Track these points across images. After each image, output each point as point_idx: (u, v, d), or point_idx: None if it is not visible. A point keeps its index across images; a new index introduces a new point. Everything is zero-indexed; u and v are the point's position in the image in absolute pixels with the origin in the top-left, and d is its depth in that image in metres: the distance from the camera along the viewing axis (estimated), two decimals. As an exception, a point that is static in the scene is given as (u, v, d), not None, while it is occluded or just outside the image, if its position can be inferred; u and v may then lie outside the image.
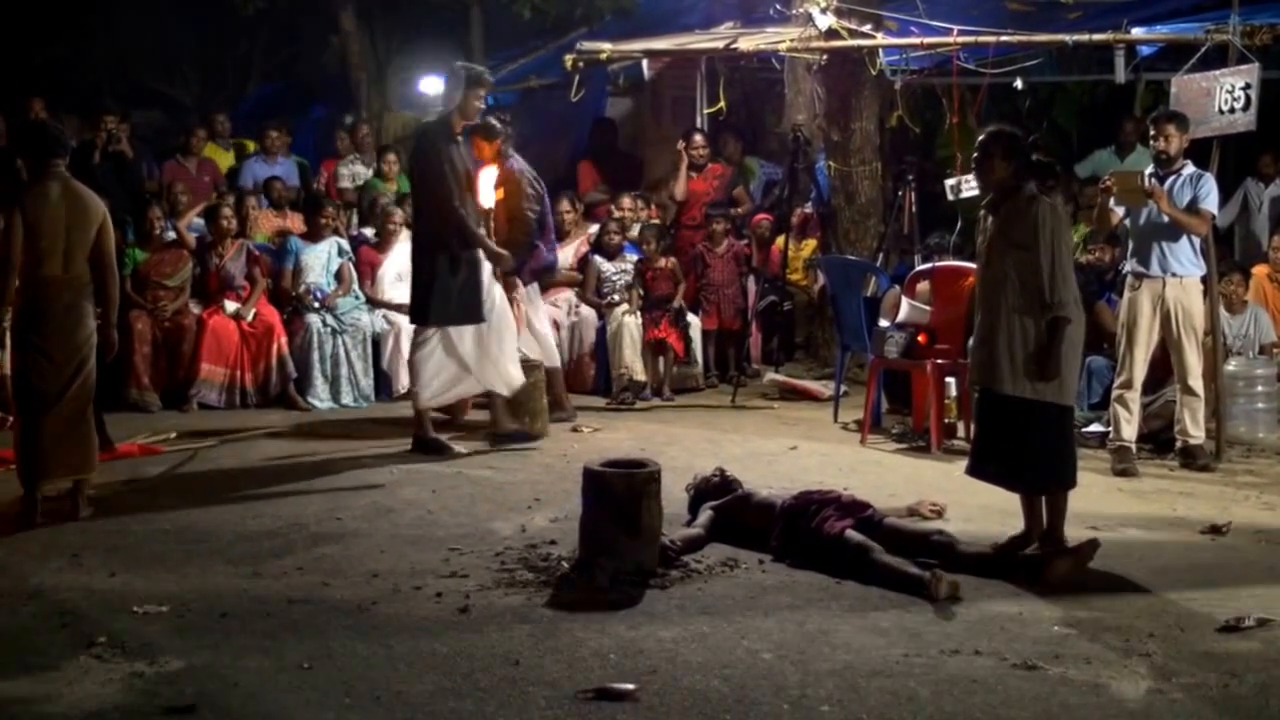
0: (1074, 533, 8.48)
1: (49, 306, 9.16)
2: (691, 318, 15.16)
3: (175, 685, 6.22)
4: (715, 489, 9.08)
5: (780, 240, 15.72)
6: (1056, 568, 7.83)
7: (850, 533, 8.03)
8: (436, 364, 11.55)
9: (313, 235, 14.68)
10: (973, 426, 9.85)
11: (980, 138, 8.65)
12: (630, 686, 6.15)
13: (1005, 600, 7.48)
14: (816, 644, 6.78)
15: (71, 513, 9.24)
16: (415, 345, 11.72)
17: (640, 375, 14.45)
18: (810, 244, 16.19)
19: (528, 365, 12.64)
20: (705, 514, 8.77)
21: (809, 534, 8.18)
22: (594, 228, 15.62)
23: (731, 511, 8.76)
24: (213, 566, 8.13)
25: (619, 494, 7.86)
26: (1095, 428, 11.74)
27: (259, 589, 7.65)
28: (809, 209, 16.15)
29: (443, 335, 11.50)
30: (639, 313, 14.58)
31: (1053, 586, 7.69)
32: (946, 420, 11.93)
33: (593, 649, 6.69)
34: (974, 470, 8.72)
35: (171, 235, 14.40)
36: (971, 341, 9.12)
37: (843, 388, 13.71)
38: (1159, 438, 11.53)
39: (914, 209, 14.72)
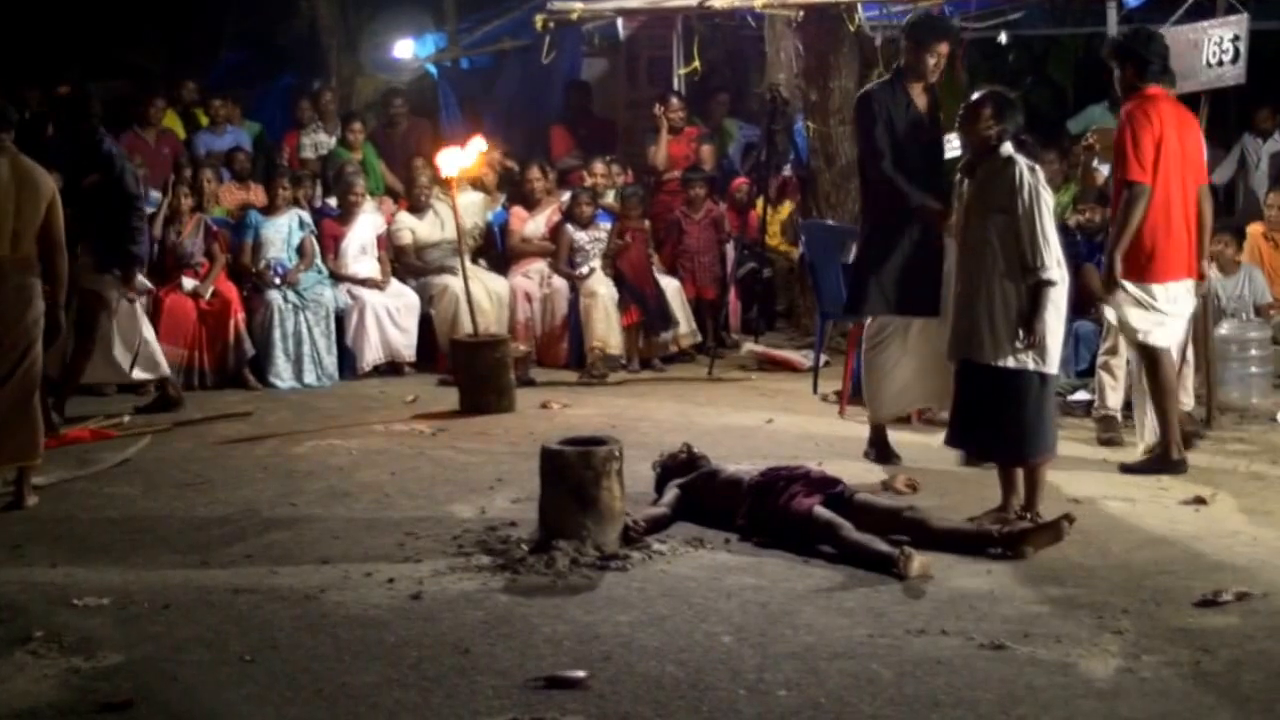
0: (1054, 505, 8.54)
1: None
2: (671, 281, 15.18)
3: (112, 681, 6.23)
4: (682, 466, 9.09)
5: (760, 205, 15.71)
6: (1032, 542, 7.84)
7: (818, 509, 8.04)
8: (891, 369, 10.33)
9: (271, 208, 14.65)
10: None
11: (973, 95, 8.68)
12: (581, 674, 6.17)
13: (977, 577, 7.50)
14: (778, 625, 6.81)
15: (15, 502, 9.23)
16: (869, 345, 10.46)
17: (614, 349, 14.47)
18: (787, 207, 16.22)
19: (494, 340, 12.70)
20: (671, 492, 8.79)
21: (776, 511, 8.19)
22: (566, 195, 15.57)
23: (698, 489, 8.78)
24: (159, 556, 8.13)
25: (577, 473, 7.89)
26: (1081, 395, 11.74)
27: (205, 579, 7.65)
28: (788, 172, 16.17)
29: (894, 330, 10.30)
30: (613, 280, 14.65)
31: (1027, 562, 7.72)
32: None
33: (546, 635, 6.71)
34: (952, 441, 8.78)
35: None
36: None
37: (823, 358, 13.72)
38: (1147, 405, 11.52)
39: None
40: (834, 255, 13.16)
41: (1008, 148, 8.37)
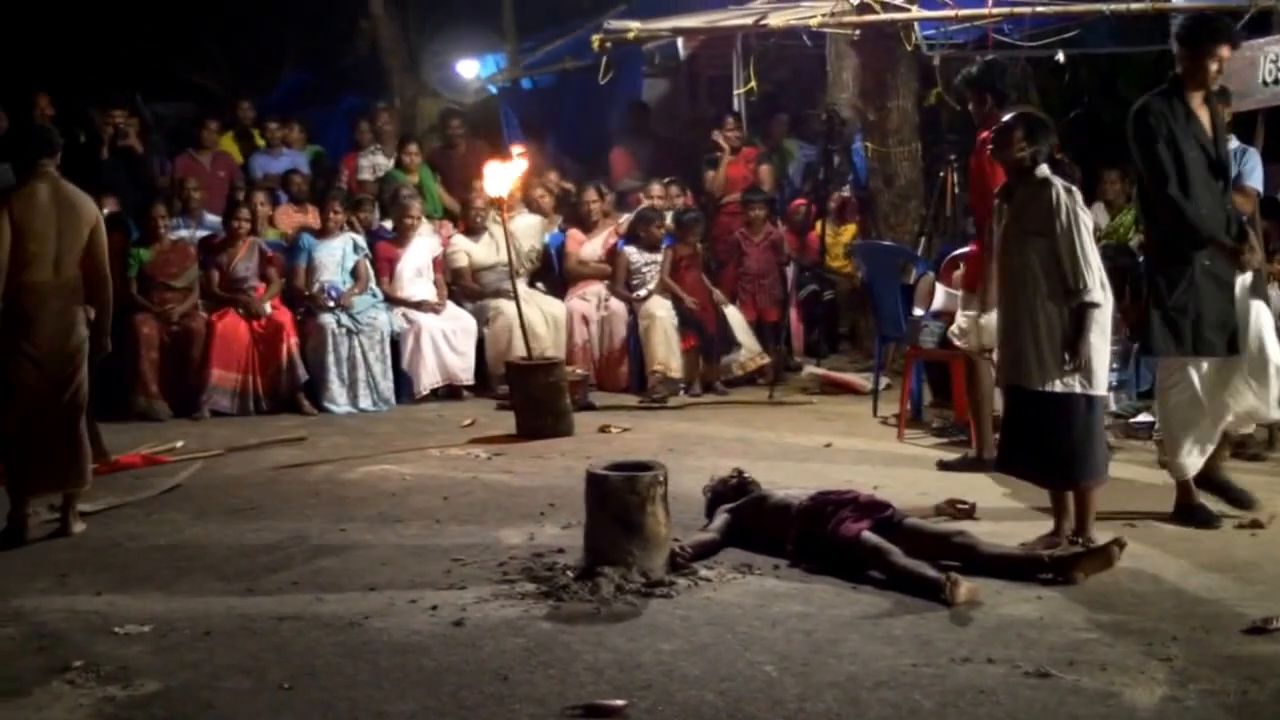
0: (1110, 529, 8.47)
1: (38, 312, 9.16)
2: (731, 309, 15.18)
3: (147, 709, 6.24)
4: (732, 491, 9.07)
5: (819, 226, 15.72)
6: (1082, 568, 7.79)
7: (867, 535, 8.00)
8: (1186, 413, 9.24)
9: (325, 231, 14.78)
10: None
11: (1004, 118, 8.68)
12: (620, 703, 6.15)
13: (1025, 604, 7.46)
14: (822, 654, 6.78)
15: (62, 529, 9.29)
16: (1161, 387, 9.44)
17: (675, 372, 14.48)
18: (850, 229, 16.20)
19: (548, 364, 12.71)
20: (721, 517, 8.78)
21: (825, 536, 8.16)
22: (625, 217, 15.60)
23: (747, 514, 8.77)
24: (204, 583, 8.16)
25: (622, 499, 7.87)
26: (1144, 417, 11.64)
27: (248, 606, 7.68)
28: (846, 192, 16.16)
29: (1187, 372, 9.22)
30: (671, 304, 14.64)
31: (1078, 588, 7.67)
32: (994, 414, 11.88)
33: (587, 663, 6.69)
34: (1002, 466, 8.74)
35: (179, 234, 14.50)
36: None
37: (884, 380, 13.71)
38: (1211, 427, 11.43)
39: (957, 190, 14.65)
40: (893, 276, 13.17)
41: (1044, 169, 8.36)
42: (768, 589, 7.85)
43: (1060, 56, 14.39)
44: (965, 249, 12.44)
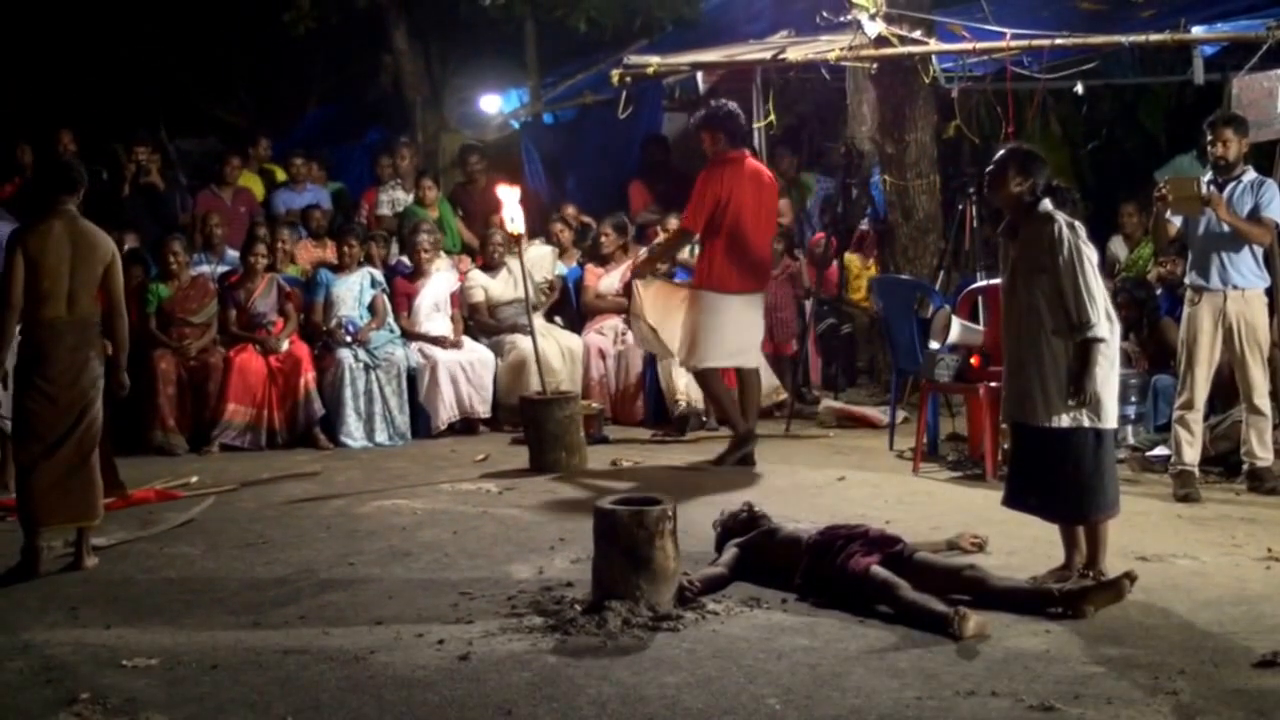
0: (1123, 563, 8.42)
1: (52, 349, 9.20)
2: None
3: (151, 742, 6.29)
4: (742, 525, 9.05)
5: (838, 259, 15.73)
6: (1092, 601, 7.76)
7: (875, 569, 7.99)
8: None
9: (342, 266, 14.85)
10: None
11: (997, 154, 8.66)
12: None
13: (1033, 637, 7.43)
14: (826, 688, 6.76)
15: (74, 563, 9.31)
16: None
17: (698, 402, 14.44)
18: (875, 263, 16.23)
19: (563, 398, 12.69)
20: (730, 551, 8.76)
21: (834, 570, 8.15)
22: (643, 251, 15.59)
23: (757, 548, 8.75)
24: (213, 617, 8.18)
25: (630, 533, 7.86)
26: (1161, 450, 11.61)
27: (255, 640, 7.69)
28: (864, 225, 16.15)
29: None
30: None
31: (1087, 622, 7.64)
32: (1004, 446, 11.84)
33: (591, 697, 6.69)
34: (1010, 502, 8.68)
35: (199, 269, 14.58)
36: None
37: (903, 413, 13.69)
38: (1228, 460, 11.40)
39: (975, 224, 14.63)
40: (908, 310, 13.15)
41: (1046, 204, 8.33)
42: (774, 622, 7.84)
43: (1079, 88, 14.35)
44: (984, 282, 12.49)
